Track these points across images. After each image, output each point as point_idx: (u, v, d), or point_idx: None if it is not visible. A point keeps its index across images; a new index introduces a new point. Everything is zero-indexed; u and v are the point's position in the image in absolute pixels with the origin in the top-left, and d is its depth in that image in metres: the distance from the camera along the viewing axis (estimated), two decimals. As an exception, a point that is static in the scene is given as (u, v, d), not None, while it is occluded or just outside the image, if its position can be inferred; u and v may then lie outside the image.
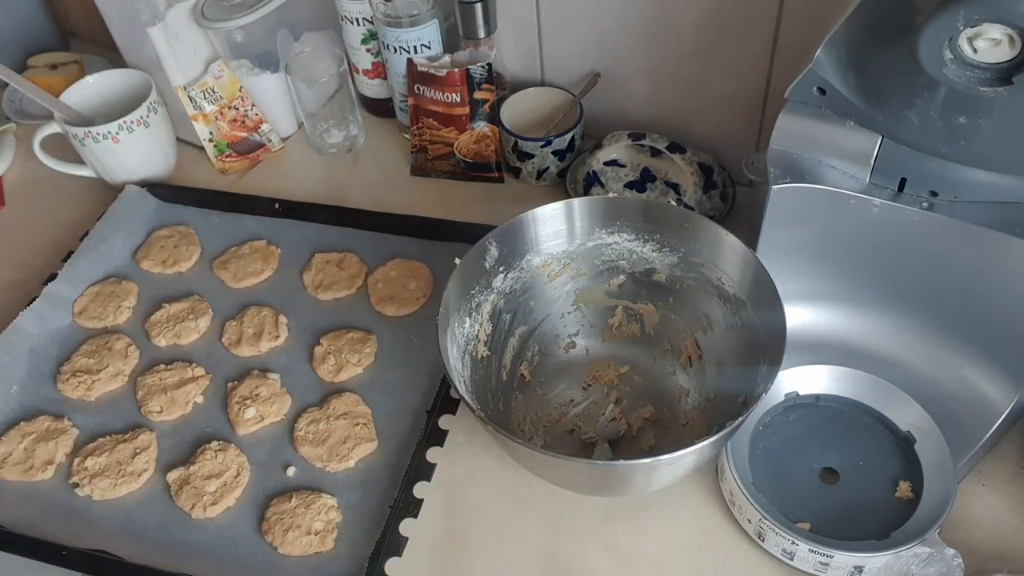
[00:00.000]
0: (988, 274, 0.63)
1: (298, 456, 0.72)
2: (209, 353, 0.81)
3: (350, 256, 0.86)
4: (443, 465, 0.70)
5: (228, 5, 0.88)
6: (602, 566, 0.64)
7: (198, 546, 0.68)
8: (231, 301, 0.85)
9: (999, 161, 0.58)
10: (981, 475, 0.66)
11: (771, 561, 0.63)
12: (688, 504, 0.67)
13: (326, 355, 0.78)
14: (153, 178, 0.96)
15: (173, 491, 0.71)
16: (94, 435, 0.75)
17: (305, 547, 0.66)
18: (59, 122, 0.91)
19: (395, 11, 0.86)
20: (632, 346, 0.76)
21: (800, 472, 0.65)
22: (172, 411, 0.76)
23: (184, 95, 0.94)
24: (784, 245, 0.69)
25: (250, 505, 0.70)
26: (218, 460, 0.72)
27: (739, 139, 0.86)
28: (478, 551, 0.66)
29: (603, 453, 0.70)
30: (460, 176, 0.94)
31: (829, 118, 0.63)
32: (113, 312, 0.84)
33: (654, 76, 0.86)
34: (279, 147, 1.01)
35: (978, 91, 0.52)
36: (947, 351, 0.68)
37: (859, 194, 0.64)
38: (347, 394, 0.75)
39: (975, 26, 0.49)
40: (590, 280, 0.74)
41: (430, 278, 0.83)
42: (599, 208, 0.70)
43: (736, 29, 0.78)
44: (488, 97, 0.88)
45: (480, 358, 0.70)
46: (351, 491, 0.70)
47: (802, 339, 0.69)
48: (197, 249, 0.89)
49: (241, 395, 0.76)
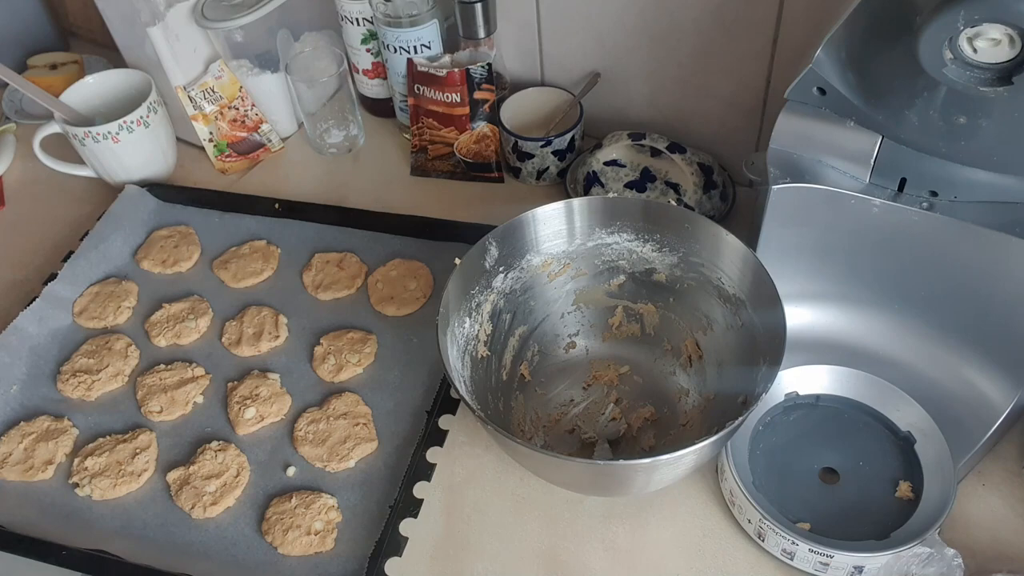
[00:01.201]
0: (988, 274, 0.63)
1: (298, 456, 0.72)
2: (209, 353, 0.81)
3: (350, 256, 0.86)
4: (443, 465, 0.70)
5: (228, 5, 0.88)
6: (602, 566, 0.64)
7: (198, 546, 0.68)
8: (231, 301, 0.85)
9: (999, 161, 0.58)
10: (981, 475, 0.66)
11: (771, 561, 0.63)
12: (688, 504, 0.67)
13: (326, 355, 0.78)
14: (153, 178, 0.96)
15: (173, 491, 0.71)
16: (94, 435, 0.75)
17: (305, 547, 0.66)
18: (59, 122, 0.91)
19: (395, 11, 0.86)
20: (632, 346, 0.76)
21: (800, 472, 0.65)
22: (172, 411, 0.76)
23: (184, 95, 0.94)
24: (784, 245, 0.69)
25: (250, 505, 0.70)
26: (218, 460, 0.72)
27: (739, 139, 0.86)
28: (478, 551, 0.66)
29: (603, 453, 0.70)
30: (460, 176, 0.94)
31: (829, 118, 0.63)
32: (113, 312, 0.84)
33: (654, 76, 0.86)
34: (279, 147, 1.01)
35: (978, 91, 0.52)
36: (947, 351, 0.68)
37: (859, 194, 0.64)
38: (347, 394, 0.76)
39: (975, 26, 0.49)
40: (590, 280, 0.74)
41: (430, 278, 0.83)
42: (599, 208, 0.70)
43: (736, 29, 0.78)
44: (488, 97, 0.88)
45: (480, 358, 0.70)
46: (351, 491, 0.70)
47: (802, 339, 0.69)
48: (197, 249, 0.89)
49: (241, 395, 0.76)
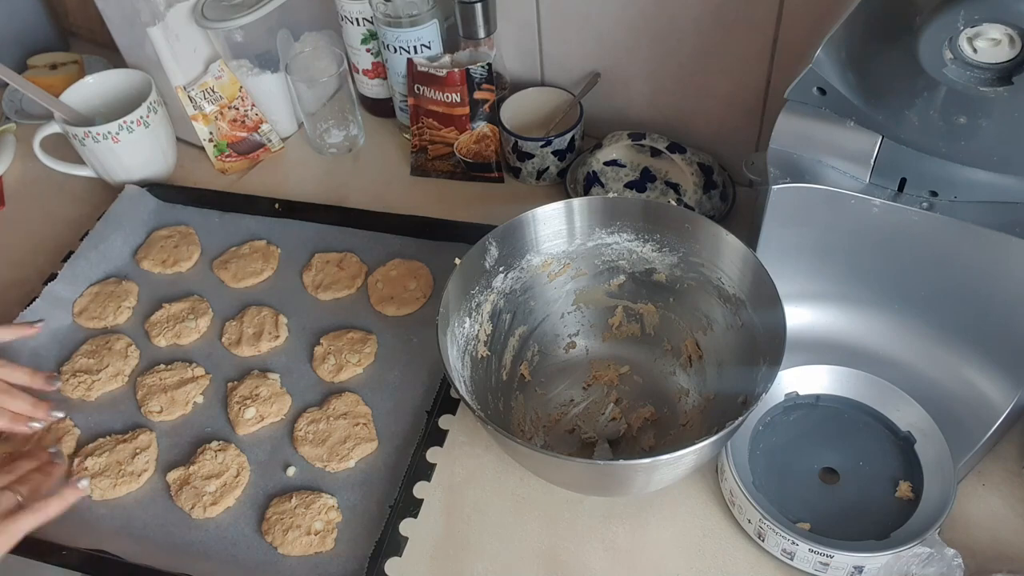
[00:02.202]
0: (988, 274, 0.63)
1: (298, 456, 0.72)
2: (209, 353, 0.81)
3: (350, 256, 0.86)
4: (443, 465, 0.70)
5: (228, 5, 0.88)
6: (602, 566, 0.64)
7: (198, 546, 0.68)
8: (231, 301, 0.85)
9: (999, 161, 0.58)
10: (981, 475, 0.66)
11: (771, 561, 0.63)
12: (688, 504, 0.67)
13: (326, 355, 0.78)
14: (153, 178, 0.96)
15: (173, 491, 0.71)
16: (94, 435, 0.75)
17: (305, 547, 0.66)
18: (59, 122, 0.91)
19: (395, 11, 0.86)
20: (632, 346, 0.76)
21: (800, 472, 0.65)
22: (172, 411, 0.76)
23: (184, 95, 0.94)
24: (784, 245, 0.69)
25: (250, 505, 0.70)
26: (218, 460, 0.72)
27: (739, 139, 0.86)
28: (478, 551, 0.66)
29: (603, 453, 0.70)
30: (460, 176, 0.94)
31: (829, 118, 0.63)
32: (113, 312, 0.84)
33: (654, 76, 0.86)
34: (279, 147, 1.01)
35: (978, 91, 0.52)
36: (947, 351, 0.68)
37: (859, 194, 0.64)
38: (347, 394, 0.76)
39: (975, 26, 0.49)
40: (590, 280, 0.74)
41: (430, 278, 0.83)
42: (599, 208, 0.70)
43: (736, 29, 0.78)
44: (488, 97, 0.88)
45: (480, 358, 0.70)
46: (351, 491, 0.70)
47: (802, 339, 0.69)
48: (197, 249, 0.89)
49: (241, 395, 0.76)
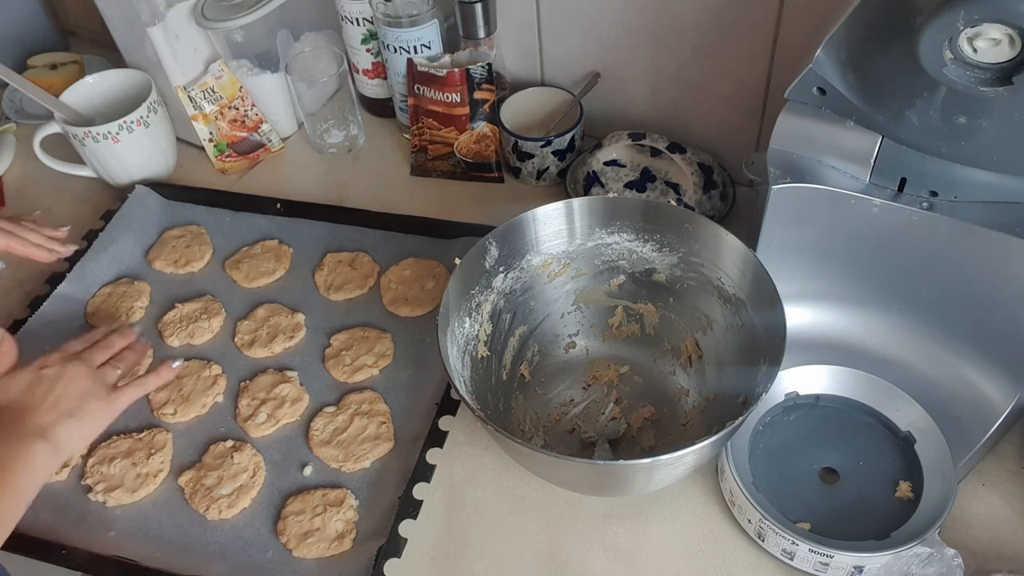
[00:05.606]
0: (988, 274, 0.63)
1: (314, 456, 0.72)
2: (222, 353, 0.81)
3: (362, 256, 0.86)
4: (443, 465, 0.70)
5: (228, 5, 0.88)
6: (602, 566, 0.64)
7: (214, 547, 0.67)
8: (244, 301, 0.85)
9: (999, 161, 0.58)
10: (981, 475, 0.66)
11: (771, 561, 0.63)
12: (688, 504, 0.67)
13: (340, 355, 0.78)
14: (153, 178, 0.96)
15: (188, 492, 0.70)
16: (108, 434, 0.74)
17: (320, 548, 0.66)
18: (59, 122, 0.91)
19: (395, 11, 0.86)
20: (632, 346, 0.76)
21: (800, 472, 0.65)
22: (187, 412, 0.76)
23: (184, 95, 0.94)
24: (784, 245, 0.69)
25: (265, 505, 0.70)
26: (234, 460, 0.71)
27: (739, 139, 0.86)
28: (478, 551, 0.66)
29: (603, 453, 0.70)
30: (460, 176, 0.94)
31: (829, 118, 0.63)
32: (126, 312, 0.84)
33: (654, 76, 0.86)
34: (279, 147, 1.01)
35: (978, 91, 0.52)
36: (947, 351, 0.68)
37: (859, 194, 0.64)
38: (363, 394, 0.75)
39: (975, 26, 0.49)
40: (590, 280, 0.74)
41: (446, 277, 0.83)
42: (599, 208, 0.70)
43: (736, 29, 0.78)
44: (488, 97, 0.88)
45: (480, 358, 0.70)
46: (367, 491, 0.69)
47: (802, 339, 0.69)
48: (209, 249, 0.89)
49: (255, 395, 0.76)
